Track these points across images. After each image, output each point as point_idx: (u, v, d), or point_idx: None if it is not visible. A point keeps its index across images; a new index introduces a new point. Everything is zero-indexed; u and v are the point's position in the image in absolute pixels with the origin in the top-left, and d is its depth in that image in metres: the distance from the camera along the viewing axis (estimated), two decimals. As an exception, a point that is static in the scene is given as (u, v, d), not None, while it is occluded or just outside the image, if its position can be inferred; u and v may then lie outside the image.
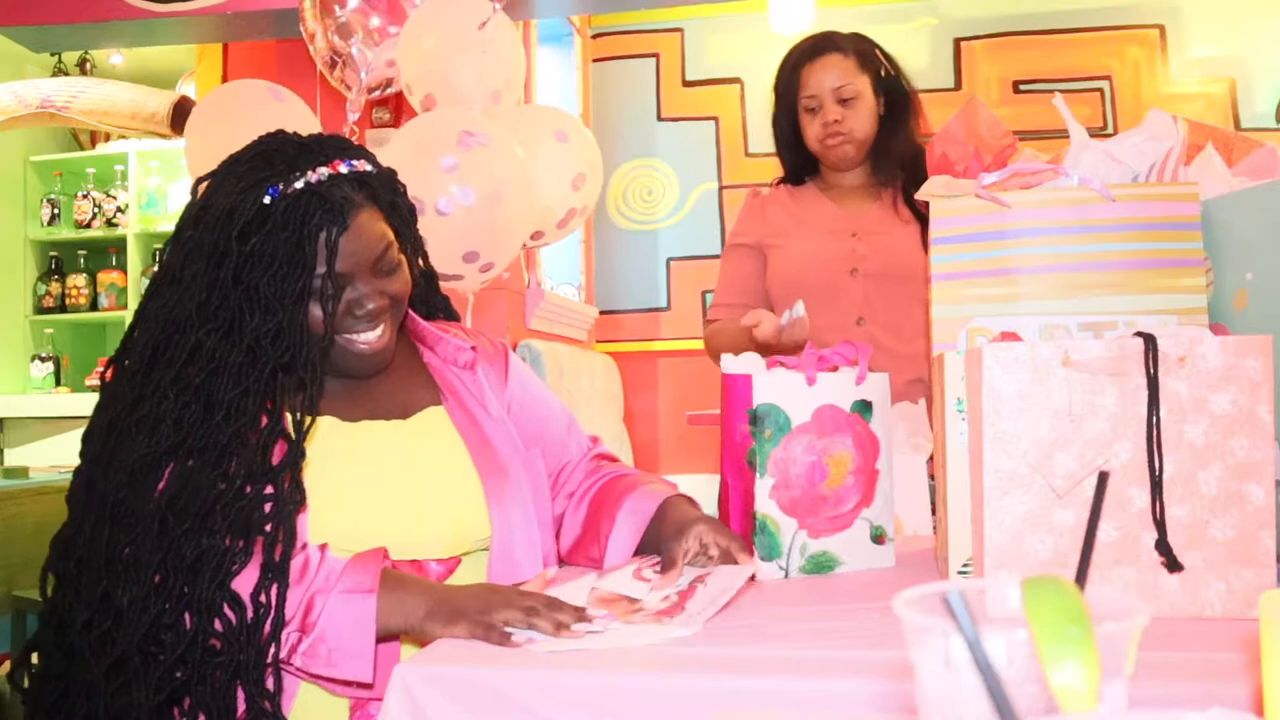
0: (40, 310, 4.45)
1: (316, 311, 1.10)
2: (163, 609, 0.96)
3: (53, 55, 4.29)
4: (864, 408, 1.17)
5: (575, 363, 3.62)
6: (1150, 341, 0.85)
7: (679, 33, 4.46)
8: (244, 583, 0.97)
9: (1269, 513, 0.85)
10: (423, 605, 0.95)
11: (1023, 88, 4.17)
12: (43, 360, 4.38)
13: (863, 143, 1.92)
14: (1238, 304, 1.05)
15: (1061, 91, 1.37)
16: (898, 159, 1.93)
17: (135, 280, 4.36)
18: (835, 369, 1.17)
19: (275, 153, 1.13)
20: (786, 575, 1.13)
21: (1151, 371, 0.85)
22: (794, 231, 1.98)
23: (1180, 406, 0.86)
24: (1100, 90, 4.12)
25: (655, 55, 4.48)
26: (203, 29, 3.16)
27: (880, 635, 0.85)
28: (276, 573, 0.97)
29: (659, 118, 4.45)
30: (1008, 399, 0.87)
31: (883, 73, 1.96)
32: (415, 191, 1.35)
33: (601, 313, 4.30)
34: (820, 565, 1.15)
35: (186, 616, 0.97)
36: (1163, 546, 0.86)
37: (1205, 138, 1.19)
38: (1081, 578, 0.54)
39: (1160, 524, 0.85)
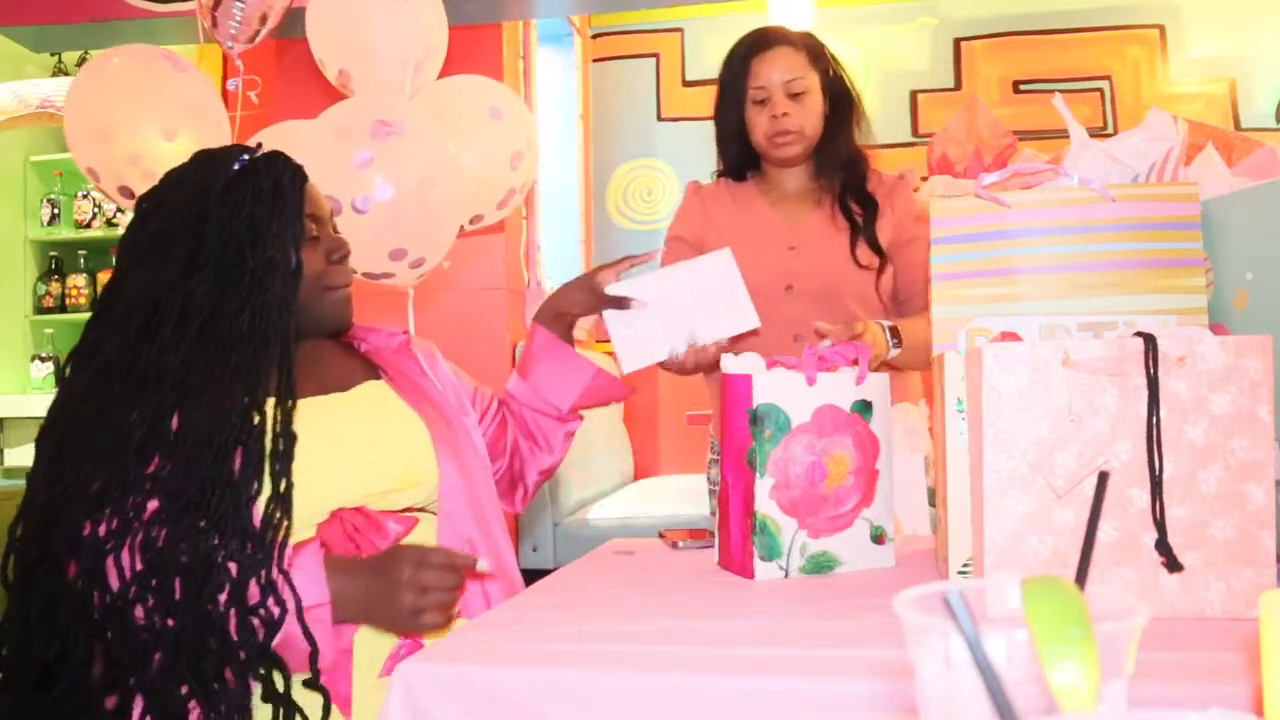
0: (40, 310, 4.45)
1: (299, 255, 1.18)
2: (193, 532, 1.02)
3: (53, 55, 4.29)
4: (864, 408, 1.17)
5: (575, 363, 3.61)
6: (1150, 341, 0.85)
7: (679, 33, 4.46)
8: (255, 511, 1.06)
9: (1269, 513, 0.85)
10: (363, 598, 1.06)
11: (1023, 88, 4.17)
12: (43, 360, 4.38)
13: (810, 140, 1.85)
14: (1238, 304, 1.05)
15: (1061, 91, 1.37)
16: (839, 161, 1.87)
17: (135, 280, 4.36)
18: (835, 369, 1.17)
19: (217, 149, 1.26)
20: (786, 575, 1.13)
21: (1151, 371, 0.85)
22: (729, 238, 1.88)
23: (1180, 406, 0.86)
24: (1100, 90, 4.12)
25: (655, 55, 4.48)
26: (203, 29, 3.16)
27: (880, 635, 0.85)
28: (282, 503, 1.06)
29: (659, 118, 4.45)
30: (1008, 399, 0.87)
31: (830, 73, 1.88)
32: (331, 189, 1.39)
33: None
34: (820, 565, 1.15)
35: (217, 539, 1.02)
36: (1163, 546, 0.86)
37: (1205, 138, 1.19)
38: (1081, 578, 0.54)
39: (1160, 524, 0.85)
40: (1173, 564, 0.86)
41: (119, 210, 4.42)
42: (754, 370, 1.15)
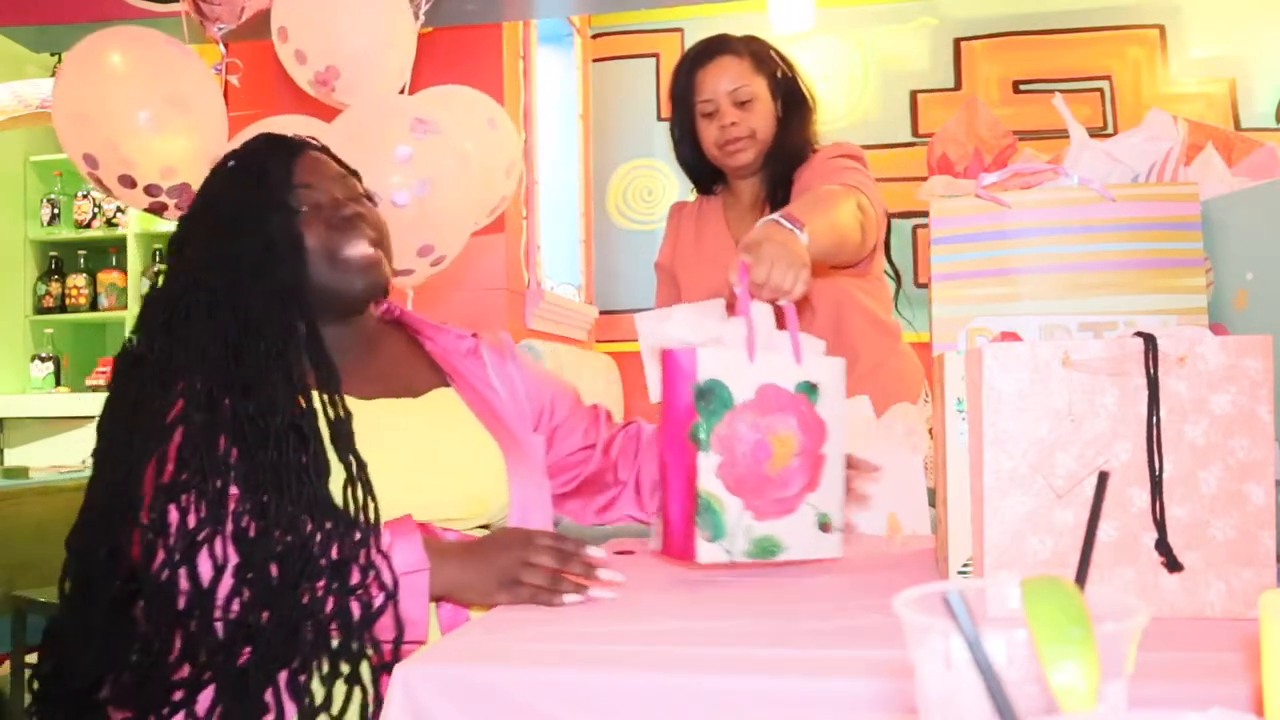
0: (40, 310, 4.45)
1: (303, 229, 1.17)
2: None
3: (53, 55, 4.29)
4: (809, 389, 1.12)
5: (575, 363, 3.62)
6: (1150, 341, 0.85)
7: (679, 33, 4.46)
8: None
9: (1269, 513, 0.85)
10: (459, 575, 1.04)
11: (1023, 88, 4.17)
12: (43, 360, 4.38)
13: (763, 144, 1.83)
14: (1238, 304, 1.05)
15: (1061, 91, 1.37)
16: (791, 162, 1.84)
17: (135, 280, 4.36)
18: (782, 328, 1.13)
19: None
20: (731, 557, 1.08)
21: (1151, 371, 0.85)
22: (693, 261, 1.91)
23: (1180, 406, 0.86)
24: (1100, 90, 4.12)
25: (655, 55, 4.48)
26: (203, 29, 3.15)
27: (880, 635, 0.85)
28: (361, 483, 1.04)
29: (659, 118, 4.45)
30: (1008, 399, 0.87)
31: (779, 74, 1.87)
32: (373, 183, 1.37)
33: (601, 313, 4.31)
34: (765, 549, 1.10)
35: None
36: (1163, 546, 0.86)
37: (1205, 138, 1.19)
38: (1081, 578, 0.54)
39: (1160, 524, 0.85)
40: (1173, 564, 0.86)
41: (119, 210, 4.42)
42: (698, 344, 1.09)
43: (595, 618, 0.96)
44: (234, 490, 1.01)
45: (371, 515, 1.03)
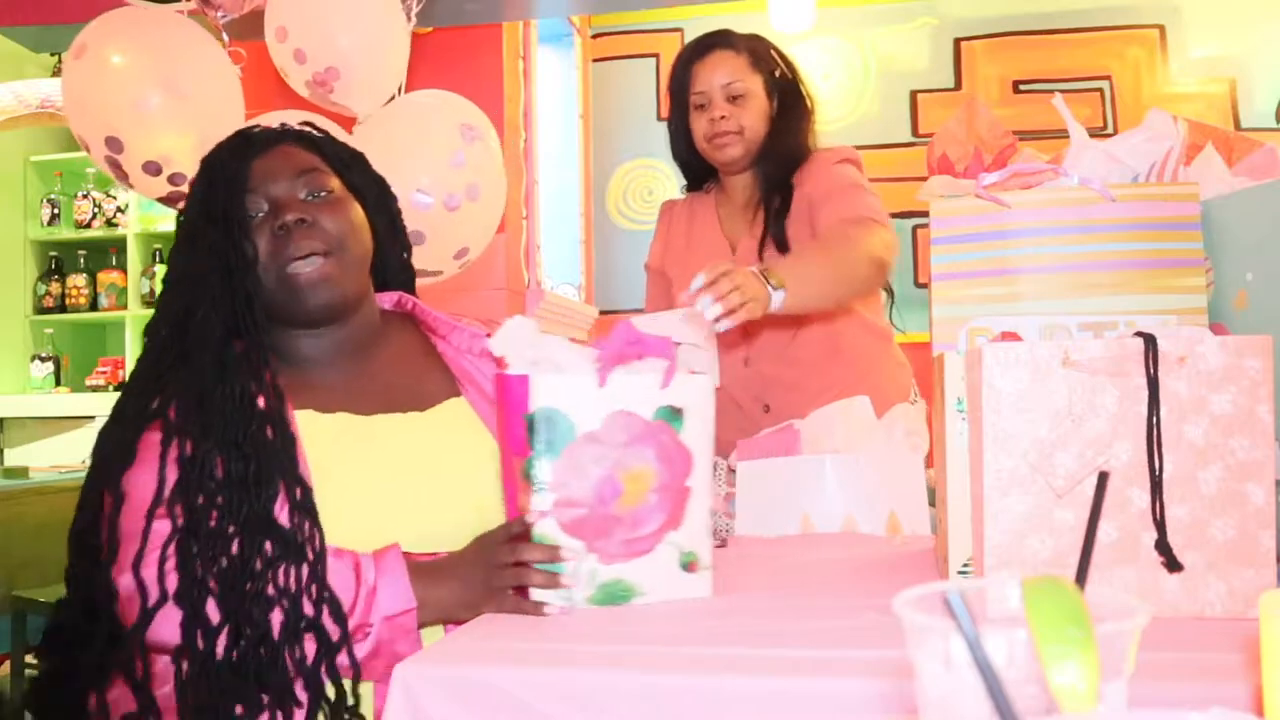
0: (40, 310, 4.44)
1: (250, 240, 1.11)
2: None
3: (53, 55, 4.29)
4: (672, 415, 1.00)
5: (575, 363, 3.62)
6: (1150, 341, 0.85)
7: (679, 33, 4.46)
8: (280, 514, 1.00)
9: (1269, 513, 0.85)
10: (450, 600, 1.00)
11: (1023, 88, 4.17)
12: (43, 360, 4.38)
13: (752, 142, 1.82)
14: (1238, 304, 1.05)
15: (1061, 91, 1.37)
16: (788, 165, 1.82)
17: (135, 280, 4.36)
18: (640, 357, 1.00)
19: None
20: (572, 604, 0.97)
21: (1151, 371, 0.85)
22: (683, 259, 1.89)
23: (1180, 406, 0.86)
24: (1100, 90, 4.12)
25: (655, 55, 4.48)
26: (206, 19, 3.15)
27: (880, 635, 0.85)
28: (303, 510, 1.00)
29: (659, 118, 4.45)
30: (1008, 399, 0.87)
31: (777, 74, 1.87)
32: (431, 184, 1.36)
33: (601, 313, 4.30)
34: (614, 595, 0.98)
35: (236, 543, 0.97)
36: (1163, 546, 0.86)
37: (1205, 138, 1.19)
38: (1081, 578, 0.54)
39: (1160, 524, 0.85)
40: (1173, 564, 0.86)
41: (119, 210, 4.42)
42: (532, 370, 0.97)
43: (595, 618, 0.96)
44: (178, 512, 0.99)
45: (317, 544, 0.98)
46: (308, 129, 1.24)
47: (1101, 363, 0.86)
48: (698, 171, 1.96)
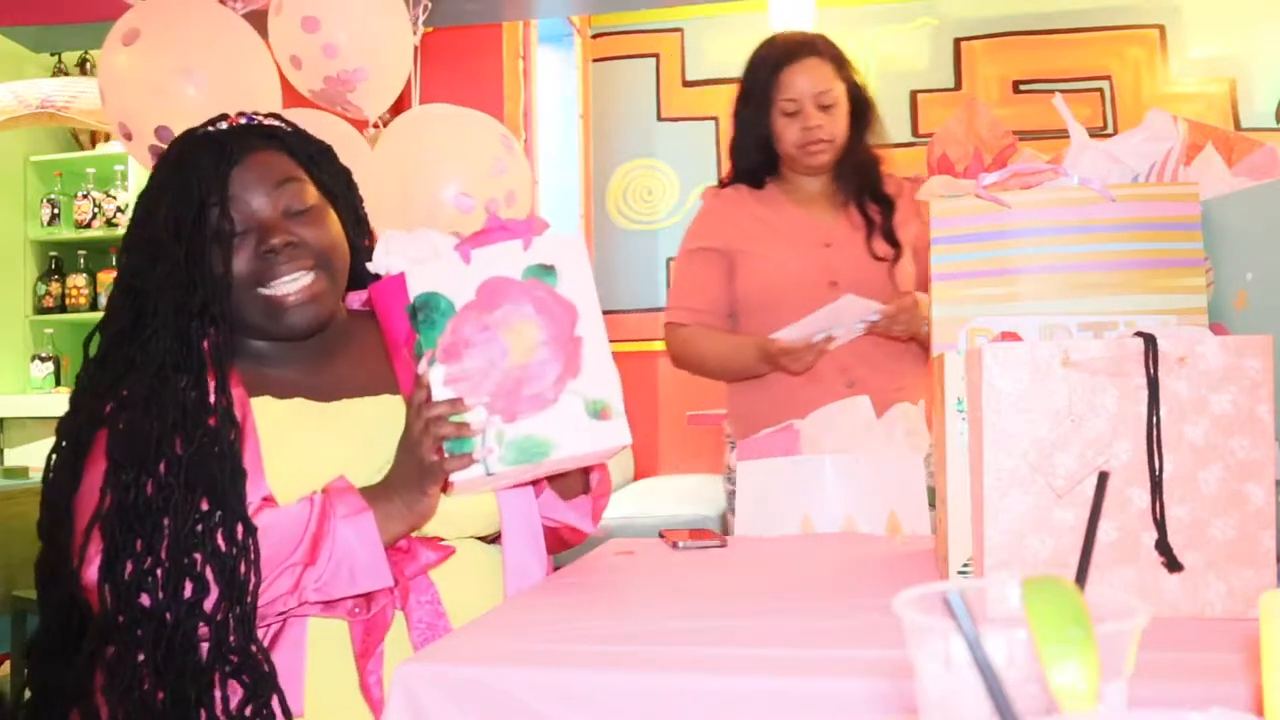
0: (40, 310, 4.44)
1: (227, 258, 1.08)
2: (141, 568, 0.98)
3: (53, 55, 4.29)
4: (542, 271, 1.03)
5: (575, 363, 3.63)
6: (1150, 341, 0.85)
7: (679, 33, 4.46)
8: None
9: (1269, 513, 0.85)
10: (399, 504, 1.03)
11: (1023, 88, 4.18)
12: (43, 360, 4.38)
13: (839, 148, 1.91)
14: (1238, 304, 1.05)
15: (1061, 91, 1.37)
16: (858, 164, 1.94)
17: (135, 280, 4.36)
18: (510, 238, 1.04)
19: (187, 130, 1.16)
20: (490, 470, 1.00)
21: (1151, 371, 0.85)
22: (764, 238, 1.93)
23: (1180, 406, 0.86)
24: (1100, 90, 4.12)
25: (655, 55, 4.48)
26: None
27: (880, 635, 0.85)
28: (242, 554, 0.99)
29: (659, 118, 4.46)
30: (1008, 399, 0.87)
31: (855, 80, 1.95)
32: (474, 191, 1.37)
33: (602, 313, 4.31)
34: (528, 452, 1.00)
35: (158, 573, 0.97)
36: (1163, 546, 0.86)
37: (1205, 138, 1.19)
38: (1081, 578, 0.54)
39: (1160, 524, 0.85)
40: (1173, 564, 0.86)
41: (119, 210, 4.42)
42: (406, 266, 1.01)
43: (595, 618, 0.96)
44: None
45: (242, 571, 0.97)
46: (276, 124, 1.19)
47: (1101, 363, 0.86)
48: (761, 168, 2.00)
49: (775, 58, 1.93)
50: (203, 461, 1.00)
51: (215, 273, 1.07)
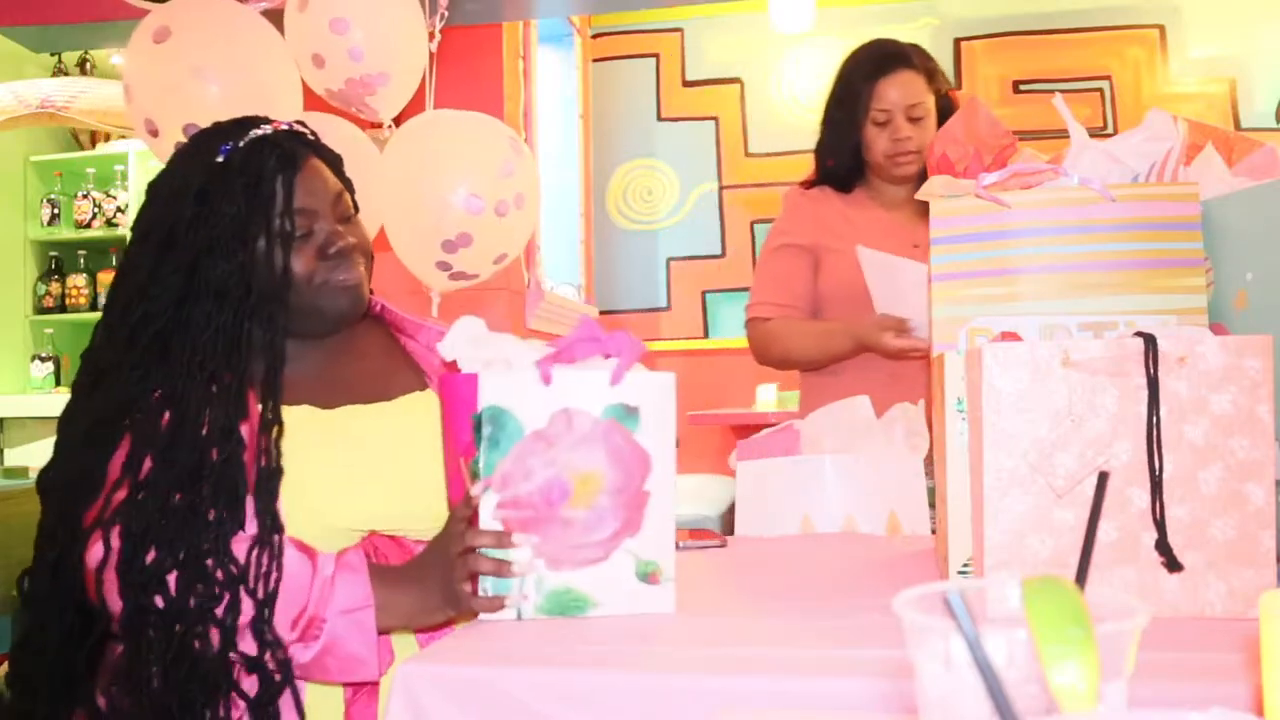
0: (40, 310, 4.45)
1: (287, 257, 1.10)
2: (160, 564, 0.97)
3: (53, 55, 4.29)
4: (624, 413, 0.95)
5: (575, 363, 3.62)
6: (1150, 341, 0.85)
7: (679, 33, 4.46)
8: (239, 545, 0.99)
9: (1269, 513, 0.85)
10: (410, 605, 1.00)
11: (1023, 88, 4.18)
12: (43, 360, 4.38)
13: (925, 159, 1.91)
14: (1238, 304, 1.05)
15: (1061, 91, 1.37)
16: None
17: (135, 280, 4.36)
18: (607, 355, 0.97)
19: (216, 127, 1.18)
20: (519, 616, 0.93)
21: (1151, 371, 0.85)
22: (851, 237, 1.95)
23: (1180, 406, 0.86)
24: (1100, 90, 4.12)
25: (655, 55, 4.48)
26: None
27: (880, 635, 0.85)
28: (267, 549, 0.98)
29: (659, 118, 4.46)
30: (1008, 399, 0.87)
31: (944, 90, 1.98)
32: (475, 191, 1.37)
33: (601, 313, 4.31)
34: (565, 605, 0.94)
35: (171, 579, 0.96)
36: (1163, 546, 0.86)
37: (1205, 138, 1.19)
38: (1081, 578, 0.54)
39: (1160, 524, 0.85)
40: (1173, 564, 0.86)
41: (119, 210, 4.42)
42: (481, 369, 0.94)
43: (595, 617, 0.96)
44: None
45: (269, 587, 0.96)
46: (305, 131, 1.22)
47: (1101, 363, 0.86)
48: (849, 175, 2.02)
49: (870, 67, 1.96)
50: (235, 470, 1.00)
51: (277, 272, 1.10)
